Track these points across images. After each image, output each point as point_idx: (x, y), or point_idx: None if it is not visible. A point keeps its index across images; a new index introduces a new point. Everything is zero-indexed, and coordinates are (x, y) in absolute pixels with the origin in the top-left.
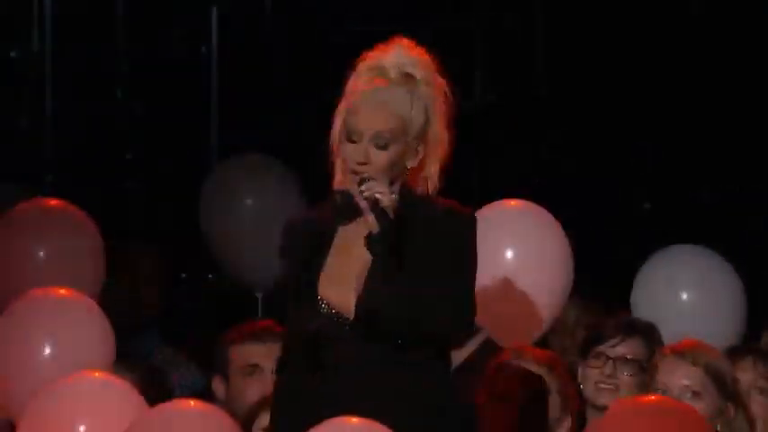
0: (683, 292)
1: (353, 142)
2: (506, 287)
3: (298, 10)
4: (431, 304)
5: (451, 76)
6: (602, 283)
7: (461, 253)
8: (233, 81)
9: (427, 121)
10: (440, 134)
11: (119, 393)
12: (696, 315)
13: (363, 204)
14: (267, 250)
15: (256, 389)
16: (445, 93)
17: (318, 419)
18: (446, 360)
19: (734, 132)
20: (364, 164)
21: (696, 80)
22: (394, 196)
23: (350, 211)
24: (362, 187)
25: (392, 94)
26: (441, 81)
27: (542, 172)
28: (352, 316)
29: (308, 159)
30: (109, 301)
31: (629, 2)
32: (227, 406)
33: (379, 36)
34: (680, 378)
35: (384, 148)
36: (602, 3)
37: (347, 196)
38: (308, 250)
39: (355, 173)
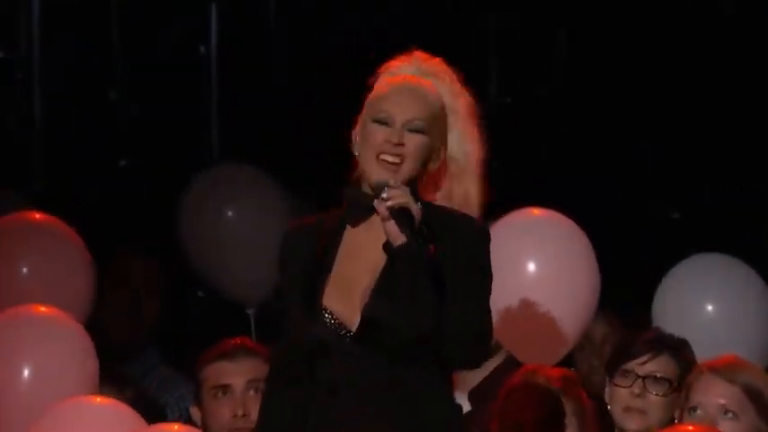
0: (708, 303)
1: (383, 126)
2: (529, 301)
3: (298, 9)
4: (446, 326)
5: (466, 78)
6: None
7: (478, 269)
8: (233, 82)
9: (448, 128)
10: (471, 150)
11: (118, 417)
12: (721, 327)
13: (384, 213)
14: (254, 265)
15: (227, 409)
16: (470, 105)
17: None
18: (449, 376)
19: (734, 132)
20: (400, 144)
21: (696, 80)
22: (419, 205)
23: (361, 208)
24: (384, 195)
25: (423, 86)
26: (464, 93)
27: (542, 172)
28: (355, 329)
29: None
30: (105, 313)
31: (630, 2)
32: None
33: (380, 36)
34: (716, 397)
35: (418, 132)
36: (603, 3)
37: (358, 193)
38: (312, 257)
39: (381, 154)
